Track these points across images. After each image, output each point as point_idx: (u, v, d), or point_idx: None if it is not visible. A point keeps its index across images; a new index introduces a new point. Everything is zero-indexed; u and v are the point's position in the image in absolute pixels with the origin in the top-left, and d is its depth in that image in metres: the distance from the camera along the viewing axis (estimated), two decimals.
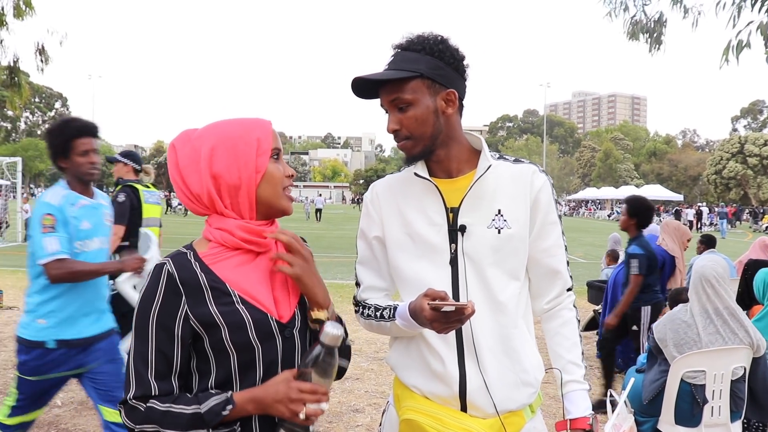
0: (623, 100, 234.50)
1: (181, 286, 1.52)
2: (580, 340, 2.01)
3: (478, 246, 1.87)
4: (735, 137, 73.34)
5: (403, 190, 1.98)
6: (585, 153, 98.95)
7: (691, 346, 3.61)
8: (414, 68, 1.81)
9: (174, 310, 1.51)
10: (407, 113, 1.83)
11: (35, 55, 8.59)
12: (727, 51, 5.17)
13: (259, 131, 1.59)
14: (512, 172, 1.93)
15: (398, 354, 2.01)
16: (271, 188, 1.59)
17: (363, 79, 1.82)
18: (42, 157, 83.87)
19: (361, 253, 2.07)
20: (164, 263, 1.54)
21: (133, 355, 1.52)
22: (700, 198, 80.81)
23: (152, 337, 1.51)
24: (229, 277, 1.56)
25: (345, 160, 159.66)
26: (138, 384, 1.51)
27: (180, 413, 1.49)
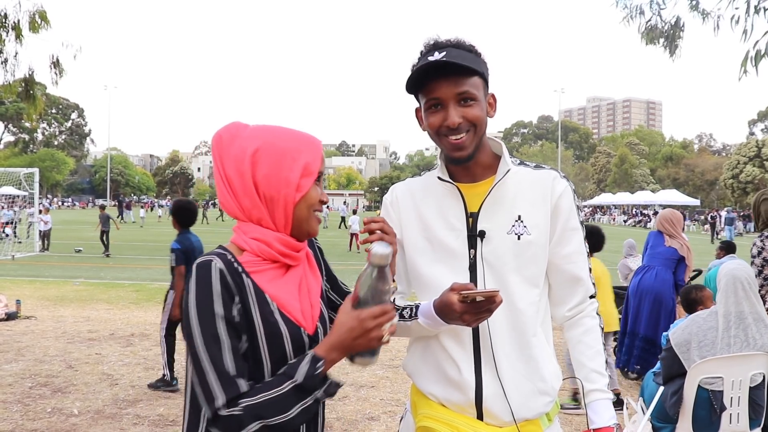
0: (638, 105, 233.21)
1: (232, 286, 1.45)
2: (603, 348, 1.97)
3: (498, 252, 1.85)
4: (752, 141, 72.80)
5: (424, 193, 1.97)
6: (600, 158, 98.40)
7: (713, 351, 3.58)
8: (476, 66, 1.79)
9: (230, 306, 1.44)
10: (472, 109, 1.80)
11: (50, 68, 8.70)
12: (746, 62, 5.12)
13: (310, 153, 1.56)
14: (533, 178, 1.92)
15: (415, 360, 1.99)
16: (306, 210, 1.57)
17: (438, 64, 1.75)
18: (59, 168, 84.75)
19: None
20: (211, 260, 1.46)
21: (206, 360, 1.41)
22: (717, 203, 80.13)
23: (223, 335, 1.42)
24: (266, 288, 1.53)
25: (359, 167, 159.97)
26: (225, 388, 1.40)
27: (279, 396, 1.42)
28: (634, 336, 6.50)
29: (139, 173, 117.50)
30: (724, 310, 3.65)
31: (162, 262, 18.83)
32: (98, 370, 6.74)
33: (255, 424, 1.39)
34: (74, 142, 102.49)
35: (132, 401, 5.73)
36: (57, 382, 6.27)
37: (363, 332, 1.46)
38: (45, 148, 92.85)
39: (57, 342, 8.01)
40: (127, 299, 11.52)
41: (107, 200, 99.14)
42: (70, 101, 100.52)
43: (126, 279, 14.56)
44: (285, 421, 1.42)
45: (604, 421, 1.89)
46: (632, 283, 6.70)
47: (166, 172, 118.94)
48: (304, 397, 1.44)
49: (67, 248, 22.79)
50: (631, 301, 6.58)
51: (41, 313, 9.88)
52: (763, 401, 3.62)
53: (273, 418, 1.41)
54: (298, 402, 1.44)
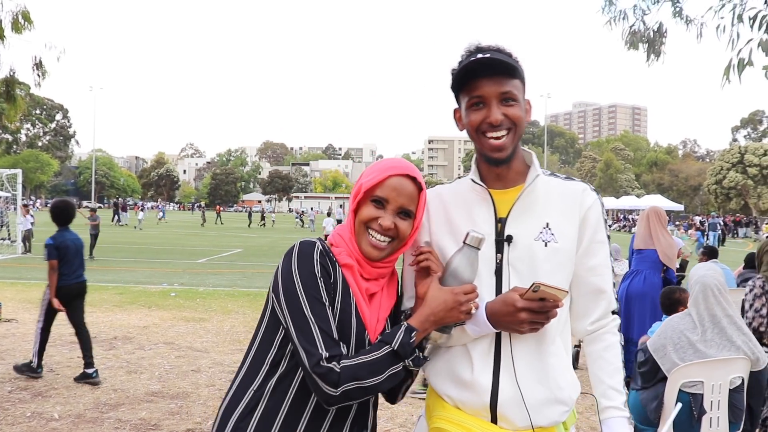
0: (624, 111, 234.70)
1: (330, 266, 1.68)
2: (623, 365, 1.97)
3: (524, 257, 1.86)
4: (735, 147, 73.54)
5: (454, 198, 2.00)
6: (586, 163, 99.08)
7: (690, 352, 3.60)
8: (519, 69, 1.87)
9: (328, 282, 1.66)
10: (513, 108, 1.85)
11: (33, 69, 8.61)
12: (728, 70, 5.16)
13: (371, 176, 1.78)
14: (563, 188, 1.95)
15: (434, 362, 1.99)
16: (359, 225, 1.77)
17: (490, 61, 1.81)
18: (43, 169, 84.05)
19: (406, 259, 2.05)
20: (315, 242, 1.72)
21: (312, 316, 1.60)
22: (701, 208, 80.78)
23: (325, 301, 1.63)
24: (351, 284, 1.73)
25: (346, 171, 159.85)
26: (328, 345, 1.58)
27: (375, 359, 1.61)
28: (628, 342, 6.49)
29: (125, 175, 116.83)
30: (698, 315, 3.68)
31: (146, 264, 18.73)
32: (80, 373, 6.66)
33: (351, 384, 1.58)
34: (59, 144, 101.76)
35: (114, 405, 5.68)
36: (37, 386, 6.21)
37: (456, 305, 1.68)
38: (29, 149, 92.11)
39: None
40: (110, 302, 11.41)
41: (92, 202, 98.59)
42: (54, 102, 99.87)
43: (109, 281, 14.43)
44: (376, 383, 1.62)
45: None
46: (620, 288, 6.68)
47: (152, 174, 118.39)
48: (396, 362, 1.64)
49: None
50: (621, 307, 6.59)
51: (22, 316, 9.76)
52: (742, 405, 3.65)
53: (366, 380, 1.60)
54: (389, 367, 1.63)
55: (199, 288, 13.66)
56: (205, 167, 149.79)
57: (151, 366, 7.04)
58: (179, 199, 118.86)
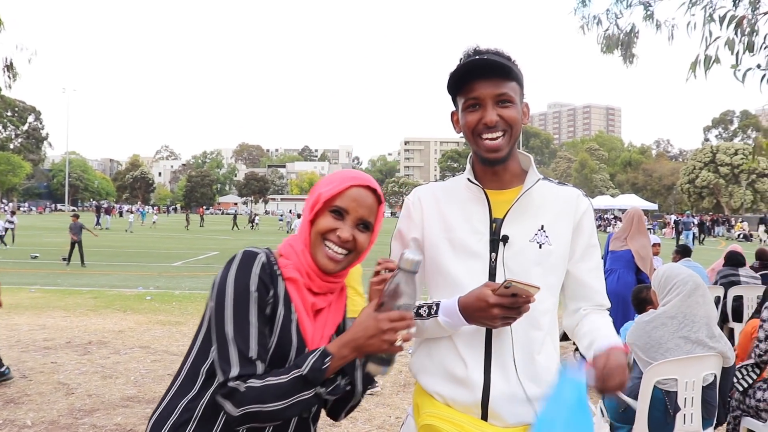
0: (598, 111, 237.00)
1: (270, 280, 1.59)
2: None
3: (518, 258, 1.89)
4: (707, 147, 74.64)
5: (448, 196, 2.02)
6: (561, 163, 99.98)
7: (661, 351, 3.65)
8: (515, 72, 1.89)
9: (265, 296, 1.57)
10: (509, 110, 1.87)
11: (3, 71, 8.49)
12: (695, 66, 5.27)
13: (332, 186, 1.70)
14: (557, 193, 2.00)
15: (422, 358, 2.01)
16: (315, 235, 1.68)
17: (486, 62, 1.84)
18: (15, 172, 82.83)
19: (394, 254, 2.07)
20: (258, 252, 1.61)
21: (232, 333, 1.52)
22: (675, 207, 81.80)
23: (253, 317, 1.54)
24: (294, 299, 1.64)
25: (322, 172, 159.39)
26: (242, 363, 1.51)
27: (282, 383, 1.50)
28: None
29: (99, 178, 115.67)
30: (676, 312, 3.72)
31: (121, 268, 18.53)
32: (53, 379, 6.57)
33: (253, 406, 1.49)
34: (31, 146, 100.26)
35: (88, 411, 5.61)
36: (9, 392, 6.11)
37: (377, 332, 1.53)
38: (0, 151, 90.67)
39: (10, 351, 7.79)
40: (84, 306, 11.28)
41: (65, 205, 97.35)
42: (26, 104, 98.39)
43: (84, 285, 14.25)
44: (281, 408, 1.51)
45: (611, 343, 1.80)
46: None
47: (127, 176, 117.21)
48: (305, 390, 1.52)
49: (23, 254, 22.25)
50: None
51: None
52: (715, 401, 3.70)
53: (270, 404, 1.49)
54: (297, 393, 1.51)
55: (175, 291, 13.54)
56: (181, 169, 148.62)
57: (127, 371, 6.96)
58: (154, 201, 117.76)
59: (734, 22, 5.10)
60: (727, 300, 7.24)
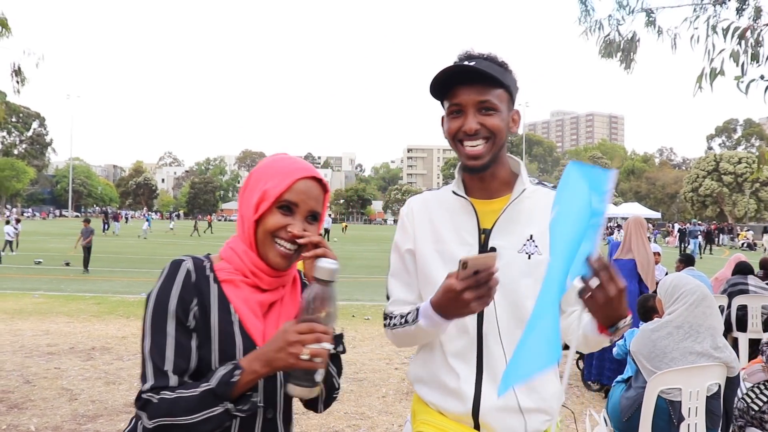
0: (601, 119, 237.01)
1: (195, 287, 1.55)
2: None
3: (507, 270, 1.83)
4: (710, 155, 74.50)
5: (439, 206, 2.00)
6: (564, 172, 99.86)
7: (666, 360, 3.65)
8: (503, 79, 1.84)
9: (188, 306, 1.53)
10: (491, 118, 1.84)
11: (11, 76, 8.54)
12: (701, 78, 5.28)
13: (276, 180, 1.60)
14: (549, 198, 1.90)
15: (418, 368, 2.02)
16: (263, 234, 1.60)
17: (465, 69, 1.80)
18: (19, 177, 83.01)
19: (393, 265, 2.08)
20: (183, 260, 1.58)
21: (149, 346, 1.51)
22: (678, 215, 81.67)
23: (171, 329, 1.51)
24: (233, 300, 1.59)
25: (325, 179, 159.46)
26: (156, 376, 1.48)
27: (191, 397, 1.45)
28: (603, 350, 6.53)
29: (102, 184, 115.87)
30: (682, 322, 3.71)
31: (123, 274, 18.56)
32: (57, 384, 6.59)
33: (165, 419, 1.45)
34: (35, 152, 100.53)
35: (92, 417, 5.62)
36: (13, 397, 6.12)
37: (283, 345, 1.43)
38: (4, 157, 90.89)
39: (14, 356, 7.82)
40: (87, 312, 11.30)
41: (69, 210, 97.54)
42: (31, 110, 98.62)
43: (87, 291, 14.27)
44: (193, 422, 1.45)
45: None
46: None
47: (130, 183, 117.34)
48: (213, 404, 1.45)
49: (27, 260, 22.29)
50: None
51: None
52: (719, 411, 3.69)
53: (181, 417, 1.45)
54: (206, 407, 1.45)
55: None
56: (184, 176, 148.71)
57: (130, 377, 6.96)
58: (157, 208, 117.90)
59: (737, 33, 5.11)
60: (732, 309, 7.22)
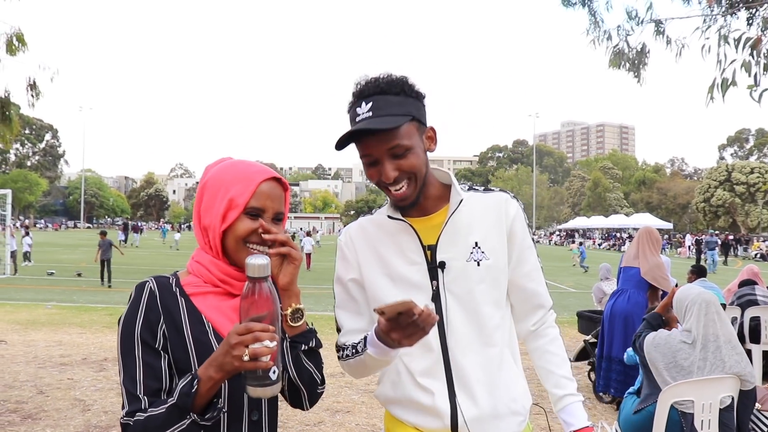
0: (612, 130, 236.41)
1: (160, 306, 1.57)
2: (566, 356, 2.03)
3: (459, 280, 1.88)
4: (722, 165, 74.15)
5: (378, 231, 1.98)
6: (575, 182, 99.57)
7: (683, 373, 3.63)
8: (405, 111, 1.79)
9: (154, 326, 1.55)
10: (407, 159, 1.80)
11: (26, 90, 8.63)
12: (712, 89, 5.27)
13: (241, 186, 1.61)
14: (485, 202, 1.95)
15: (387, 389, 2.01)
16: (234, 242, 1.61)
17: (362, 131, 1.76)
18: (31, 189, 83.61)
19: (338, 297, 2.05)
20: (147, 281, 1.61)
21: (122, 373, 1.54)
22: (690, 226, 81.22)
23: (138, 353, 1.54)
24: (204, 309, 1.61)
25: (335, 191, 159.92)
26: (130, 401, 1.51)
27: (159, 414, 1.46)
28: (610, 360, 6.51)
29: (114, 195, 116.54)
30: (696, 334, 3.70)
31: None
32: (70, 395, 6.62)
33: None
34: (48, 163, 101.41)
35: (104, 427, 5.64)
36: (27, 408, 6.16)
37: (227, 348, 1.42)
38: (18, 168, 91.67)
39: (28, 367, 7.87)
40: (100, 323, 11.36)
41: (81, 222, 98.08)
42: (44, 122, 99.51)
43: (99, 302, 14.35)
44: None
45: (582, 422, 1.94)
46: (606, 307, 6.72)
47: (141, 194, 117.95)
48: (181, 418, 1.45)
49: (40, 271, 22.43)
50: (605, 326, 6.60)
51: (12, 338, 9.70)
52: (732, 423, 3.67)
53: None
54: (175, 422, 1.45)
55: None
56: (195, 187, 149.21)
57: None
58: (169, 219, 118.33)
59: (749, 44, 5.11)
60: (744, 320, 7.17)
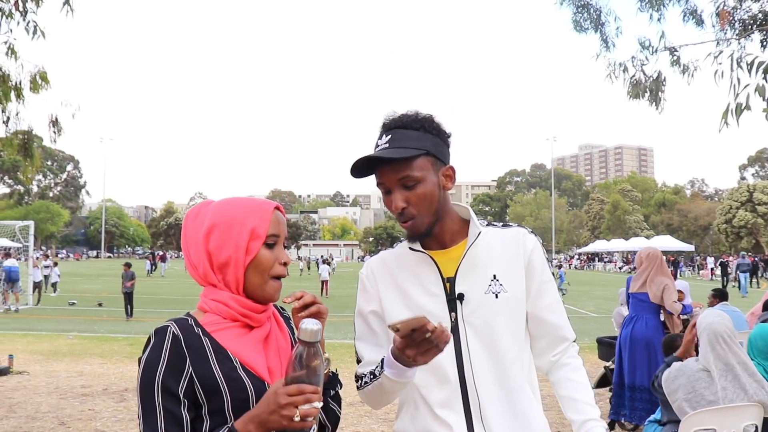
0: (630, 152, 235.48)
1: (185, 348, 1.55)
2: (590, 384, 2.01)
3: (478, 312, 1.91)
4: (743, 186, 73.35)
5: (399, 264, 2.02)
6: (594, 205, 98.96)
7: (703, 403, 3.59)
8: (420, 146, 1.86)
9: (179, 372, 1.53)
10: (416, 191, 1.87)
11: (49, 126, 8.81)
12: (726, 114, 5.26)
13: (257, 217, 1.65)
14: (503, 237, 2.00)
15: (406, 424, 2.02)
16: (258, 275, 1.64)
17: (371, 158, 1.85)
18: (53, 220, 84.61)
19: (358, 329, 2.09)
20: (167, 326, 1.58)
21: (143, 421, 1.52)
22: (712, 248, 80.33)
23: (159, 400, 1.52)
24: (228, 345, 1.61)
25: (354, 218, 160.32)
26: None
27: None
28: (634, 389, 6.41)
29: (134, 225, 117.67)
30: (710, 365, 3.67)
31: (156, 315, 18.71)
32: (91, 426, 6.66)
33: None
34: (69, 194, 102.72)
35: None
36: None
37: (275, 408, 1.46)
38: (40, 199, 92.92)
39: (49, 398, 7.94)
40: (120, 353, 11.43)
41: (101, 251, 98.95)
42: (65, 153, 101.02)
43: (120, 332, 14.45)
44: None
45: None
46: (622, 334, 6.63)
47: (161, 223, 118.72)
48: None
49: (61, 301, 22.65)
50: (624, 353, 6.52)
51: (34, 368, 9.79)
52: None
53: None
54: None
55: None
56: None
57: None
58: None
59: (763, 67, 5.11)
60: None
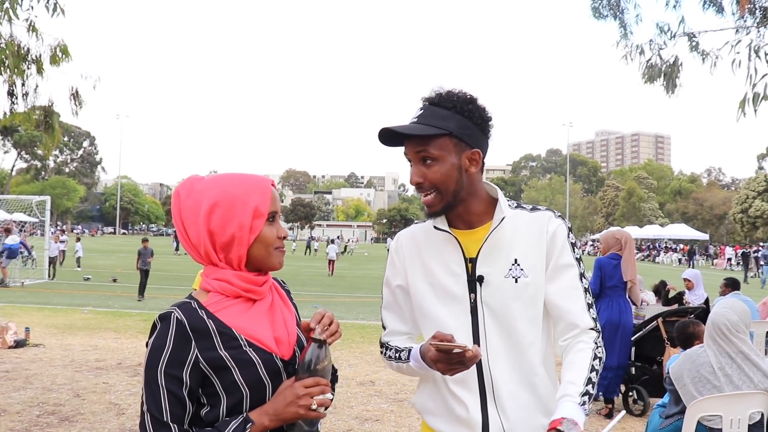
0: (647, 139, 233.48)
1: (190, 332, 1.58)
2: (589, 369, 1.86)
3: (497, 295, 1.93)
4: (761, 175, 72.49)
5: (426, 240, 2.05)
6: (609, 192, 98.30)
7: (708, 387, 3.62)
8: (443, 125, 1.86)
9: (184, 356, 1.56)
10: (432, 168, 1.89)
11: (70, 99, 8.82)
12: (744, 104, 5.22)
13: (259, 195, 1.67)
14: (529, 220, 1.98)
15: (424, 398, 2.08)
16: (263, 248, 1.68)
17: (391, 130, 1.89)
18: (69, 195, 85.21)
19: (385, 299, 2.16)
20: (171, 312, 1.60)
21: (147, 403, 1.56)
22: (727, 237, 79.72)
23: (162, 383, 1.55)
24: (233, 322, 1.64)
25: (368, 199, 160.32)
26: (155, 426, 1.54)
27: None
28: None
29: (149, 202, 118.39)
30: (713, 353, 3.70)
31: (170, 291, 18.89)
32: (105, 399, 6.78)
33: None
34: (85, 170, 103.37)
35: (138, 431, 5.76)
36: (64, 410, 6.32)
37: (294, 399, 1.56)
38: (56, 175, 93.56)
39: (65, 370, 8.07)
40: (134, 328, 11.57)
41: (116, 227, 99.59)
42: (82, 129, 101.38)
43: (134, 308, 14.62)
44: None
45: (562, 413, 1.74)
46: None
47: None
48: None
49: (76, 276, 22.91)
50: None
51: (49, 341, 9.94)
52: None
53: None
54: None
55: None
56: None
57: None
58: None
59: None
60: None
